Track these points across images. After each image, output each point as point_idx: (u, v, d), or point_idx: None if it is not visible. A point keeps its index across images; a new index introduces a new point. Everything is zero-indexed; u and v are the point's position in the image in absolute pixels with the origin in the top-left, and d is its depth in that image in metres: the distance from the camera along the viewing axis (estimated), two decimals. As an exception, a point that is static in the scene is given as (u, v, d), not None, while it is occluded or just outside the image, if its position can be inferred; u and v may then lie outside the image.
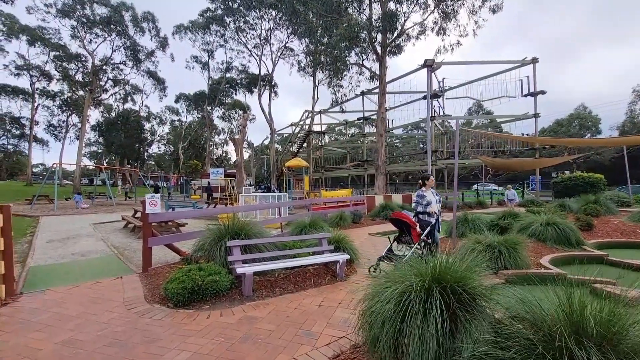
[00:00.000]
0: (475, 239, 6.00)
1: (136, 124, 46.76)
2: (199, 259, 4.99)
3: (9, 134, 56.12)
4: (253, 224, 5.67)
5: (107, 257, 6.72)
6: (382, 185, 22.43)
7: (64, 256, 6.87)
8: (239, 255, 4.61)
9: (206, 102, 46.00)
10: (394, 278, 2.82)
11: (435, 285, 2.39)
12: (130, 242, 8.57)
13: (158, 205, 5.23)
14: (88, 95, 37.13)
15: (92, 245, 8.00)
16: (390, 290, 2.50)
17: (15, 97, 48.43)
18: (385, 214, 12.81)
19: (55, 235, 9.35)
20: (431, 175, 5.93)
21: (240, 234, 5.14)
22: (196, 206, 14.75)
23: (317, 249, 5.45)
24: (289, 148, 44.21)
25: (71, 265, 6.09)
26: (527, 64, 22.25)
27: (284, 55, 38.82)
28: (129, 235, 9.69)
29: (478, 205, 17.76)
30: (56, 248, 7.70)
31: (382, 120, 22.32)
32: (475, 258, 2.80)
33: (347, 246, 5.90)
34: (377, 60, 22.25)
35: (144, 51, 41.85)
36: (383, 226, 11.62)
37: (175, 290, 3.90)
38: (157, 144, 70.18)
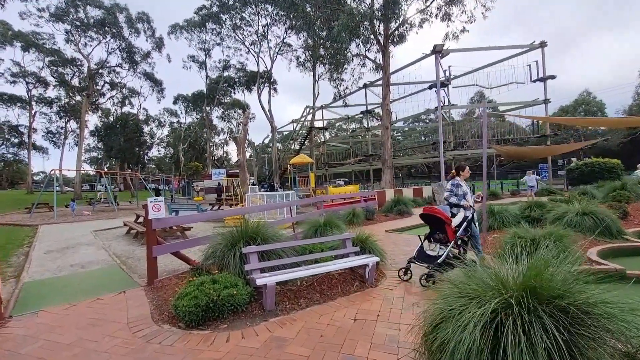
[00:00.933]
0: (514, 233, 5.43)
1: (135, 127, 46.18)
2: (211, 268, 4.43)
3: (8, 143, 55.72)
4: (268, 226, 5.10)
5: (108, 268, 6.17)
6: (390, 179, 21.84)
7: (62, 268, 6.33)
8: (257, 263, 4.04)
9: (205, 102, 45.39)
10: (462, 289, 2.22)
11: (533, 301, 1.80)
12: (133, 250, 8.03)
13: (162, 210, 4.66)
14: (85, 100, 36.60)
15: (93, 255, 7.45)
16: (473, 312, 1.90)
17: (13, 105, 47.86)
18: (399, 209, 12.24)
19: (54, 245, 8.81)
20: (467, 165, 5.33)
21: (255, 238, 4.57)
22: (200, 208, 14.19)
23: (341, 252, 4.88)
24: (291, 145, 43.65)
25: (69, 278, 5.54)
26: (535, 49, 21.56)
27: (282, 51, 38.17)
28: (131, 242, 9.15)
29: (492, 197, 17.15)
30: (54, 259, 7.15)
31: (387, 113, 21.68)
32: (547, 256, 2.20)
33: (373, 247, 5.33)
34: (380, 51, 21.60)
35: (139, 53, 41.30)
36: (398, 222, 11.05)
37: (187, 309, 3.34)
38: (157, 147, 69.69)
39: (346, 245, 4.94)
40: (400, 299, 3.96)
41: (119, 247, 8.39)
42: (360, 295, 4.17)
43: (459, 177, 5.30)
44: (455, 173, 5.35)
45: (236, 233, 4.68)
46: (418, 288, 4.35)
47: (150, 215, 4.57)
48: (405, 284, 4.55)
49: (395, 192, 15.45)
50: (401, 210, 12.22)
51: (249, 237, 4.57)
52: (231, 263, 4.26)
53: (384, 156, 21.75)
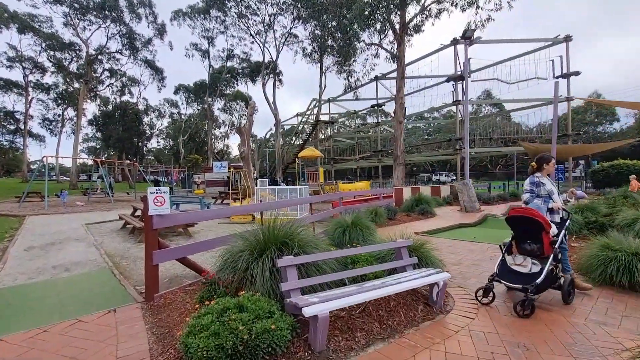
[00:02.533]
0: (604, 244, 4.35)
1: (134, 116, 44.84)
2: (229, 282, 3.35)
3: (4, 130, 54.36)
4: (299, 226, 4.00)
5: (97, 272, 5.07)
6: (402, 176, 20.73)
7: (41, 271, 5.23)
8: (297, 281, 2.95)
9: (207, 92, 44.07)
10: None
11: None
12: (128, 248, 6.93)
13: (166, 203, 3.55)
14: (83, 86, 35.27)
15: (81, 254, 6.35)
16: None
17: (8, 91, 46.41)
18: (422, 209, 11.15)
19: (38, 240, 7.69)
20: (552, 158, 4.19)
21: (289, 244, 3.47)
22: (203, 202, 13.09)
23: (394, 264, 3.79)
24: (294, 140, 42.44)
25: (47, 286, 4.43)
26: (558, 43, 20.42)
27: (288, 42, 36.85)
28: (127, 238, 8.05)
29: (512, 198, 16.11)
30: (35, 258, 6.04)
31: (401, 106, 20.50)
32: None
33: (429, 257, 4.24)
34: (395, 41, 20.40)
35: (140, 39, 39.85)
36: (423, 223, 9.96)
37: (204, 353, 2.24)
38: (156, 139, 68.45)
39: (402, 255, 3.84)
40: (494, 336, 2.87)
41: (113, 245, 7.28)
42: (434, 327, 3.08)
43: (541, 172, 4.18)
44: (535, 167, 4.21)
45: (261, 236, 3.58)
46: (507, 317, 3.27)
47: (150, 210, 3.46)
48: (487, 309, 3.47)
49: (413, 190, 14.37)
50: (424, 210, 11.14)
51: (280, 243, 3.48)
52: (258, 278, 3.16)
53: (396, 152, 20.62)
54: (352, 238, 6.09)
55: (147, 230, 3.51)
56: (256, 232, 3.73)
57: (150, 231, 3.51)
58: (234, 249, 3.64)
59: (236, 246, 3.68)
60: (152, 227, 3.50)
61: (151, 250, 3.50)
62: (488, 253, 5.98)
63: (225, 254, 3.67)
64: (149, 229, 3.50)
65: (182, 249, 3.88)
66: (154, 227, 3.51)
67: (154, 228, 3.52)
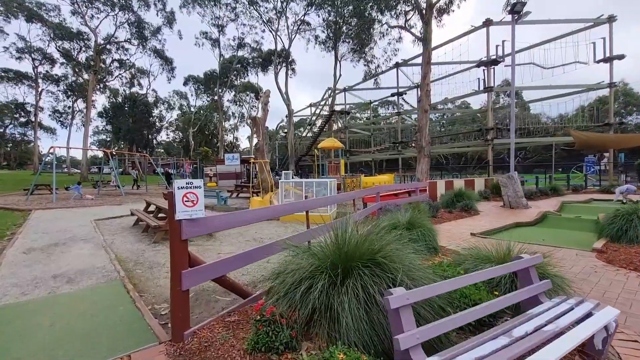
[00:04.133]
0: None
1: (144, 108, 44.11)
2: (294, 318, 2.27)
3: (15, 122, 54.42)
4: (379, 231, 2.89)
5: (105, 287, 4.05)
6: (426, 169, 19.40)
7: (38, 282, 4.24)
8: (415, 330, 1.84)
9: (217, 82, 42.98)
10: None
11: None
12: (142, 250, 5.94)
13: (200, 203, 2.46)
14: (92, 76, 34.48)
15: (88, 258, 5.36)
16: None
17: (19, 83, 46.06)
18: (465, 205, 9.94)
19: (41, 239, 6.75)
20: None
21: (381, 263, 2.36)
22: (220, 196, 12.10)
23: (524, 295, 2.65)
24: (305, 132, 41.25)
25: (40, 310, 3.42)
26: (601, 24, 18.71)
27: (301, 30, 35.39)
28: (140, 237, 7.07)
29: (554, 192, 14.73)
30: (33, 263, 5.08)
31: (426, 94, 19.09)
32: None
33: (547, 273, 3.09)
34: (421, 22, 18.97)
35: (149, 28, 38.81)
36: (470, 221, 8.77)
37: None
38: (166, 131, 67.97)
39: (531, 277, 2.70)
40: None
41: (124, 246, 6.30)
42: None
43: None
44: None
45: (338, 250, 2.48)
46: None
47: (178, 212, 2.38)
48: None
49: (447, 184, 13.16)
50: (467, 206, 9.93)
51: (367, 260, 2.37)
52: (346, 317, 2.07)
53: (421, 143, 19.28)
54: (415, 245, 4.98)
55: (174, 241, 2.43)
56: (325, 246, 2.63)
57: (178, 243, 2.43)
58: (296, 267, 2.56)
59: (298, 263, 2.59)
60: (182, 237, 2.42)
61: (180, 270, 2.43)
62: (585, 262, 4.78)
63: (284, 274, 2.58)
64: (177, 240, 2.42)
65: (222, 263, 2.79)
66: (183, 236, 2.43)
67: (184, 238, 2.44)
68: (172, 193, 2.39)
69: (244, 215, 3.05)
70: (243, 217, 3.05)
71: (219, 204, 11.84)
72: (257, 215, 3.24)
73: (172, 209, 2.40)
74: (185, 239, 2.46)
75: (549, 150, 49.44)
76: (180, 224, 2.41)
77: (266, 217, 3.49)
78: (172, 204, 2.39)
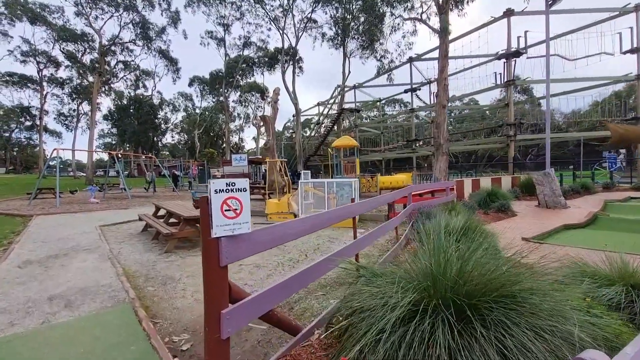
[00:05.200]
0: None
1: (149, 109, 43.67)
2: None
3: (21, 126, 54.41)
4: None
5: (112, 314, 3.29)
6: (444, 167, 18.54)
7: (32, 306, 3.50)
8: None
9: (223, 82, 42.39)
10: None
11: None
12: (153, 262, 5.20)
13: (245, 212, 1.68)
14: (97, 78, 34.04)
15: (92, 273, 4.62)
16: None
17: (24, 87, 45.89)
18: (500, 205, 9.09)
19: (40, 250, 6.04)
20: None
21: (513, 295, 1.57)
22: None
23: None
24: (311, 132, 40.50)
25: (27, 348, 2.67)
26: (627, 13, 17.73)
27: (307, 28, 34.64)
28: (150, 245, 6.34)
29: (585, 190, 13.82)
30: (28, 280, 4.35)
31: (444, 88, 18.20)
32: None
33: None
34: (438, 12, 18.12)
35: (154, 28, 38.34)
36: (511, 223, 7.91)
37: None
38: (171, 133, 67.66)
39: None
40: None
41: (133, 256, 5.56)
42: None
43: None
44: None
45: (441, 278, 1.69)
46: None
47: (216, 227, 1.60)
48: None
49: (473, 183, 12.33)
50: (503, 206, 9.09)
51: (496, 294, 1.58)
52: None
53: (439, 140, 18.43)
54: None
55: (210, 268, 1.66)
56: (421, 266, 1.84)
57: (215, 271, 1.65)
58: (380, 300, 1.77)
59: (378, 294, 1.81)
60: (221, 263, 1.65)
61: (219, 309, 1.65)
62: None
63: (365, 311, 1.80)
64: (214, 266, 1.65)
65: (271, 294, 1.99)
66: (223, 261, 1.65)
67: (224, 264, 1.66)
68: (207, 199, 1.61)
69: (297, 225, 2.28)
70: (297, 228, 2.28)
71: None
72: (313, 224, 2.48)
73: (206, 222, 1.63)
74: (225, 265, 1.68)
75: (561, 147, 48.13)
76: (219, 243, 1.63)
77: (322, 226, 2.72)
78: (207, 215, 1.62)
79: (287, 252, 5.80)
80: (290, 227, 2.23)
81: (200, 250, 5.91)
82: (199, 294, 3.90)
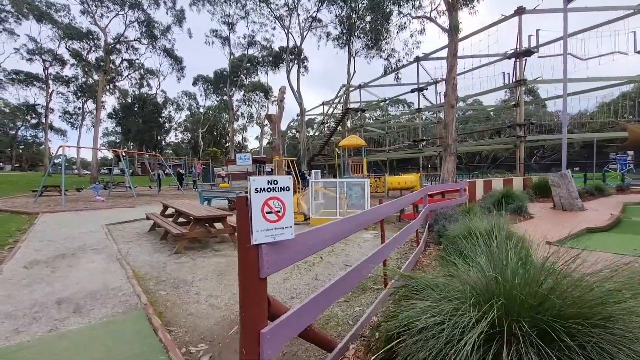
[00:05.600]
0: None
1: (154, 107, 43.61)
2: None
3: (27, 124, 54.62)
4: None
5: (124, 321, 3.08)
6: (452, 168, 18.29)
7: (39, 310, 3.30)
8: None
9: (228, 81, 42.27)
10: None
11: None
12: (163, 263, 5.00)
13: (288, 215, 1.46)
14: (102, 76, 33.99)
15: (100, 275, 4.42)
16: None
17: (30, 85, 45.98)
18: (517, 206, 8.83)
19: (47, 249, 5.86)
20: None
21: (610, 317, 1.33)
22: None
23: None
24: (315, 131, 40.26)
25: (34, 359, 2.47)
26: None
27: (312, 27, 34.42)
28: (158, 246, 6.14)
29: (600, 192, 13.49)
30: (34, 282, 4.15)
31: (453, 88, 17.92)
32: None
33: None
34: (447, 11, 17.84)
35: (159, 27, 38.27)
36: (529, 225, 7.63)
37: None
38: (174, 132, 67.64)
39: None
40: None
41: (142, 257, 5.36)
42: None
43: None
44: None
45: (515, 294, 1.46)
46: None
47: (257, 233, 1.38)
48: None
49: (485, 184, 12.06)
50: (520, 208, 8.82)
51: (586, 316, 1.34)
52: None
53: (447, 140, 18.16)
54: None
55: (247, 279, 1.44)
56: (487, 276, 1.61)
57: (254, 282, 1.43)
58: (443, 317, 1.54)
59: (442, 311, 1.59)
60: (261, 274, 1.43)
61: (258, 328, 1.43)
62: None
63: (426, 331, 1.57)
64: (252, 278, 1.43)
65: (309, 308, 1.77)
66: (264, 272, 1.44)
67: (264, 276, 1.45)
68: (247, 200, 1.39)
69: (342, 225, 2.08)
70: (342, 227, 2.08)
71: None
72: (357, 223, 2.28)
73: (245, 226, 1.41)
74: (265, 277, 1.46)
75: (567, 148, 47.42)
76: (260, 251, 1.41)
77: (362, 226, 2.52)
78: (246, 218, 1.40)
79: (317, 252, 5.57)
80: (334, 228, 2.02)
81: (210, 251, 5.70)
82: (213, 299, 3.69)
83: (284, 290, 3.93)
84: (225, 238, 6.64)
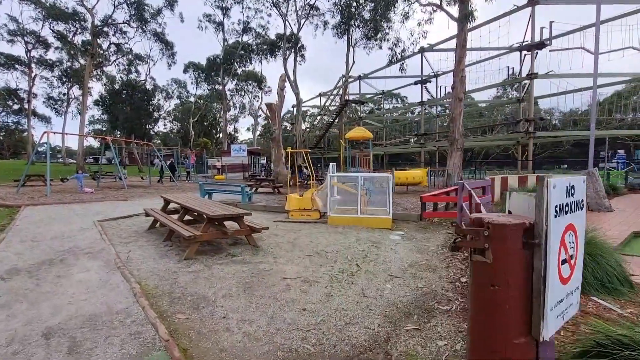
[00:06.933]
0: None
1: (143, 94, 41.84)
2: None
3: (8, 109, 51.91)
4: None
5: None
6: (459, 163, 17.78)
7: (16, 352, 2.47)
8: None
9: (221, 69, 40.77)
10: None
11: None
12: (174, 273, 4.18)
13: (578, 269, 0.68)
14: (89, 60, 32.16)
15: (99, 290, 3.59)
16: None
17: (11, 68, 43.44)
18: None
19: (29, 253, 4.96)
20: None
21: None
22: (246, 192, 10.32)
23: None
24: (318, 121, 39.31)
25: None
26: (656, 5, 16.92)
27: (310, 15, 33.17)
28: (163, 248, 5.29)
29: (614, 192, 13.12)
30: (13, 301, 3.29)
31: (461, 80, 17.28)
32: None
33: None
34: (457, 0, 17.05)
35: (149, 10, 36.39)
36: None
37: None
38: (163, 121, 65.54)
39: None
40: None
41: (147, 265, 4.52)
42: None
43: None
44: None
45: None
46: None
47: (549, 314, 0.60)
48: None
49: (502, 181, 11.52)
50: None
51: None
52: None
53: (454, 135, 17.59)
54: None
55: None
56: None
57: None
58: None
59: None
60: None
61: None
62: None
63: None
64: None
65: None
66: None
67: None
68: (544, 236, 0.61)
69: None
70: None
71: (243, 202, 10.09)
72: None
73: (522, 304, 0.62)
74: None
75: (557, 147, 47.73)
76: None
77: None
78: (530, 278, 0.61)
79: (332, 260, 4.83)
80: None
81: (226, 256, 4.83)
82: (247, 325, 2.91)
83: (332, 311, 3.18)
84: (238, 239, 5.85)
